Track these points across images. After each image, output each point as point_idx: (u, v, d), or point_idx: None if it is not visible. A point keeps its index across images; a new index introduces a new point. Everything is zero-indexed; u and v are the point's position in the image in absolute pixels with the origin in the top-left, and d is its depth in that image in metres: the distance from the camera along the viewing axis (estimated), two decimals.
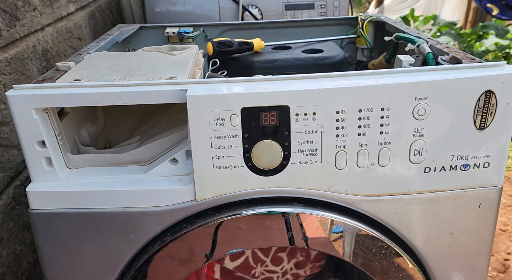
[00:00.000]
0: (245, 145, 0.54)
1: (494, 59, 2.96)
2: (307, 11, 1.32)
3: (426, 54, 0.69)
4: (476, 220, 0.62)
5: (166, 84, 0.55)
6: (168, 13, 1.29)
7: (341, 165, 0.56)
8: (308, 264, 0.80)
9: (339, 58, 0.84)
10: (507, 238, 1.62)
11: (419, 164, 0.57)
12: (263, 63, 0.83)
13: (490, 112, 0.55)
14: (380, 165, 0.57)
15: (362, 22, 0.97)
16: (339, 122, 0.54)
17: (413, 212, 0.60)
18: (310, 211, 0.59)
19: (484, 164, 0.58)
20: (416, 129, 0.55)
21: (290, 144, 0.55)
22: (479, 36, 3.17)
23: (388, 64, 0.87)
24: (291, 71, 0.82)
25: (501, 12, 2.59)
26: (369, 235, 0.60)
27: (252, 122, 0.53)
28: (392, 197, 0.59)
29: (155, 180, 0.58)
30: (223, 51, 0.84)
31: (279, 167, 0.56)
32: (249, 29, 1.03)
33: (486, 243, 0.64)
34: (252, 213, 0.58)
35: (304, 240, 0.61)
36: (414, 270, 0.62)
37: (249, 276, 0.78)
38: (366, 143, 0.56)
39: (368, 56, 1.01)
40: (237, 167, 0.56)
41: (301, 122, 0.54)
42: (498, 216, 0.88)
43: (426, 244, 0.62)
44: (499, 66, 0.56)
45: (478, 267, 0.65)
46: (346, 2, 1.32)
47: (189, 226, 0.58)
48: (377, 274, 0.63)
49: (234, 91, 0.53)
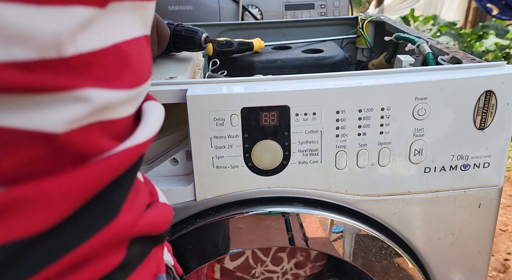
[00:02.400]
0: (245, 145, 0.54)
1: (494, 59, 2.97)
2: (307, 11, 1.32)
3: (426, 54, 0.69)
4: (476, 220, 0.62)
5: (166, 84, 0.55)
6: (168, 13, 1.29)
7: (341, 165, 0.56)
8: (308, 264, 0.80)
9: (339, 58, 0.84)
10: (507, 238, 1.62)
11: (419, 164, 0.57)
12: (263, 63, 0.83)
13: (490, 112, 0.55)
14: (380, 165, 0.57)
15: (362, 22, 0.97)
16: (339, 122, 0.54)
17: (413, 212, 0.60)
18: (310, 211, 0.59)
19: (484, 164, 0.58)
20: (416, 129, 0.55)
21: (290, 144, 0.55)
22: (479, 36, 3.17)
23: (388, 64, 0.87)
24: (291, 71, 0.82)
25: (501, 12, 2.59)
26: (369, 235, 0.60)
27: (252, 122, 0.53)
28: (392, 197, 0.59)
29: (155, 180, 0.58)
30: (223, 51, 0.84)
31: (279, 167, 0.56)
32: (249, 29, 1.03)
33: (486, 243, 0.64)
34: (252, 213, 0.58)
35: (304, 240, 0.61)
36: (414, 270, 0.62)
37: (249, 276, 0.78)
38: (366, 143, 0.56)
39: (368, 56, 1.01)
40: (237, 167, 0.56)
41: (301, 122, 0.54)
42: (498, 216, 0.88)
43: (426, 244, 0.62)
44: (499, 66, 0.56)
45: (478, 267, 0.65)
46: (346, 2, 1.32)
47: (189, 226, 0.58)
48: (377, 274, 0.63)
49: (234, 91, 0.53)
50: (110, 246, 0.21)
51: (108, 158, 0.20)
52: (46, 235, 0.18)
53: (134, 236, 0.23)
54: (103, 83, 0.20)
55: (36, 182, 0.18)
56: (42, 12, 0.16)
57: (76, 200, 0.19)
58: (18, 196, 0.17)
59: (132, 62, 0.22)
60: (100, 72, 0.20)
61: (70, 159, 0.19)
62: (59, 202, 0.18)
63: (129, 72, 0.22)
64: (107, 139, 0.21)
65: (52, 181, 0.18)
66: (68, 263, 0.19)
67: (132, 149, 0.22)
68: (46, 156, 0.18)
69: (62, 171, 0.19)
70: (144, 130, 0.23)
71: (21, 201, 0.17)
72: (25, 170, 0.18)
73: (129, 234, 0.23)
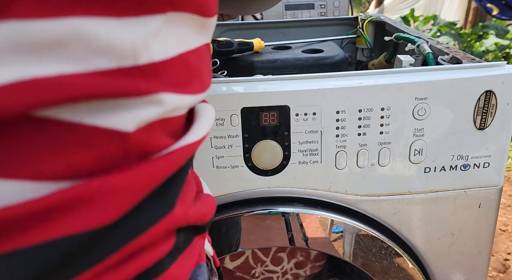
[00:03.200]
0: (245, 145, 0.54)
1: (494, 59, 2.97)
2: (307, 11, 1.32)
3: (426, 54, 0.69)
4: (476, 220, 0.62)
5: None
6: None
7: (341, 165, 0.56)
8: (308, 264, 0.80)
9: (339, 58, 0.84)
10: (507, 238, 1.62)
11: (419, 164, 0.57)
12: (263, 63, 0.83)
13: (490, 112, 0.55)
14: (380, 165, 0.57)
15: (362, 22, 0.97)
16: (339, 122, 0.54)
17: (413, 212, 0.60)
18: (310, 211, 0.59)
19: (484, 164, 0.58)
20: (416, 129, 0.55)
21: (290, 144, 0.55)
22: (479, 36, 3.18)
23: (388, 64, 0.87)
24: (291, 71, 0.82)
25: (501, 12, 2.59)
26: (369, 235, 0.60)
27: (252, 122, 0.53)
28: (392, 197, 0.59)
29: None
30: (223, 51, 0.84)
31: (279, 167, 0.56)
32: (249, 29, 1.03)
33: (486, 243, 0.64)
34: (252, 213, 0.58)
35: (304, 240, 0.61)
36: (414, 270, 0.62)
37: (249, 276, 0.78)
38: (366, 143, 0.56)
39: (368, 56, 1.01)
40: (237, 167, 0.56)
41: (301, 122, 0.54)
42: (498, 216, 0.88)
43: (426, 244, 0.62)
44: (499, 66, 0.56)
45: (478, 267, 0.65)
46: (346, 2, 1.32)
47: None
48: (377, 274, 0.63)
49: (234, 91, 0.53)
50: (163, 236, 0.23)
51: (166, 155, 0.22)
52: (113, 226, 0.20)
53: (182, 226, 0.25)
54: (174, 88, 0.22)
55: (108, 176, 0.19)
56: (122, 24, 0.18)
57: (139, 194, 0.21)
58: (95, 189, 0.19)
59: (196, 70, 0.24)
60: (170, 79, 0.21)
61: (135, 155, 0.21)
62: (126, 195, 0.20)
63: (194, 79, 0.24)
64: (165, 137, 0.23)
65: (121, 175, 0.20)
66: (129, 251, 0.21)
67: (188, 147, 0.23)
68: (117, 152, 0.20)
69: (128, 166, 0.20)
70: (198, 129, 0.25)
71: (97, 193, 0.19)
72: (99, 165, 0.19)
73: (179, 224, 0.25)
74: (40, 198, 0.17)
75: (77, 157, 0.18)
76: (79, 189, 0.18)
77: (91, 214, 0.18)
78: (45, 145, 0.17)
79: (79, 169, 0.19)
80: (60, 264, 0.18)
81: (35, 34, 0.16)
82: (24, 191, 0.17)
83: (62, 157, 0.18)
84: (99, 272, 0.20)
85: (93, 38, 0.17)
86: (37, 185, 0.17)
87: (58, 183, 0.18)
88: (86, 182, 0.18)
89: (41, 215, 0.17)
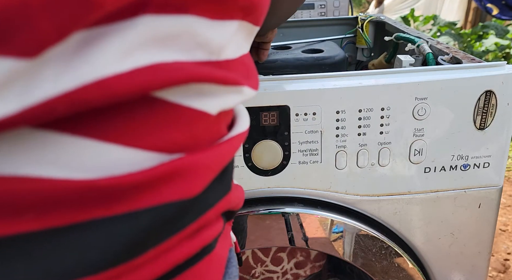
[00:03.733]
0: (245, 145, 0.54)
1: (494, 59, 2.97)
2: (307, 11, 1.32)
3: (426, 54, 0.69)
4: (476, 220, 0.62)
5: None
6: None
7: (341, 165, 0.56)
8: (308, 264, 0.80)
9: (339, 58, 0.84)
10: (507, 238, 1.62)
11: (419, 164, 0.57)
12: (263, 63, 0.83)
13: (490, 112, 0.55)
14: (380, 165, 0.57)
15: (362, 22, 0.97)
16: (339, 122, 0.54)
17: (413, 212, 0.60)
18: (310, 211, 0.59)
19: (484, 164, 0.58)
20: (416, 129, 0.55)
21: (290, 144, 0.55)
22: (479, 36, 3.18)
23: (388, 64, 0.87)
24: (291, 71, 0.82)
25: (501, 12, 2.59)
26: (369, 235, 0.60)
27: (252, 122, 0.53)
28: (392, 197, 0.59)
29: None
30: None
31: (279, 167, 0.56)
32: None
33: (486, 243, 0.64)
34: (252, 213, 0.58)
35: (304, 240, 0.61)
36: (414, 270, 0.62)
37: (249, 276, 0.78)
38: (366, 143, 0.56)
39: (368, 56, 1.01)
40: (237, 167, 0.56)
41: (301, 122, 0.54)
42: (498, 216, 0.88)
43: (426, 244, 0.62)
44: (499, 66, 0.56)
45: (478, 267, 0.65)
46: (346, 2, 1.32)
47: None
48: (377, 274, 0.63)
49: None
50: (217, 216, 0.26)
51: (229, 140, 0.25)
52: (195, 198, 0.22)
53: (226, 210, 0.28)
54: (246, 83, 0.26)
55: (197, 153, 0.22)
56: (214, 25, 0.22)
57: (215, 172, 0.24)
58: (187, 164, 0.21)
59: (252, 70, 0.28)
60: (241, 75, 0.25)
61: (211, 137, 0.24)
62: (208, 172, 0.23)
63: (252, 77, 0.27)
64: (224, 126, 0.26)
65: (205, 154, 0.23)
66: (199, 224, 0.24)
67: (240, 136, 0.27)
68: (202, 132, 0.23)
69: (207, 147, 0.23)
70: (243, 122, 0.29)
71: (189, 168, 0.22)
72: (187, 142, 0.22)
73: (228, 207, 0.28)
74: (151, 168, 0.20)
75: (174, 133, 0.21)
76: (177, 163, 0.21)
77: (185, 186, 0.21)
78: (154, 121, 0.20)
79: (174, 144, 0.22)
80: (159, 227, 0.21)
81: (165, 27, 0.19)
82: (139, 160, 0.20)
83: (165, 132, 0.21)
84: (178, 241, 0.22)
85: (197, 34, 0.21)
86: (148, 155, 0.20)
87: (161, 155, 0.21)
88: (182, 157, 0.21)
89: (151, 183, 0.20)
